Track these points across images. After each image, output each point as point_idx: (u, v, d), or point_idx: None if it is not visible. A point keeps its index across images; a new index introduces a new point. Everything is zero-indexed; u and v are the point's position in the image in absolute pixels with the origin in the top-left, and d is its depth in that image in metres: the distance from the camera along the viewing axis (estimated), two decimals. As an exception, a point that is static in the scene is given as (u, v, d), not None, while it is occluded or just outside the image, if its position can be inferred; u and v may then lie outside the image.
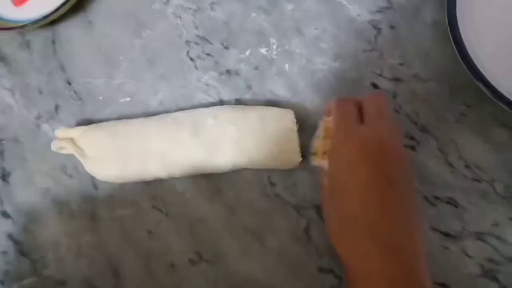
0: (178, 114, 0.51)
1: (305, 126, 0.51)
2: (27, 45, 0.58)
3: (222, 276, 0.48)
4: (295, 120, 0.49)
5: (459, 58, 0.48)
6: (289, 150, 0.48)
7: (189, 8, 0.56)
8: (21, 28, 0.54)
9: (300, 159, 0.48)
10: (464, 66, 0.48)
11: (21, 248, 0.51)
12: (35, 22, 0.54)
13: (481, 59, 0.48)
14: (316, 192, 0.49)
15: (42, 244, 0.50)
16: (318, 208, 0.49)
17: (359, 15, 0.54)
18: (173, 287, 0.48)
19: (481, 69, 0.47)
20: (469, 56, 0.48)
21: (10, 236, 0.51)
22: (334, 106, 0.42)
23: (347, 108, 0.40)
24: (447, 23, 0.49)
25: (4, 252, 0.51)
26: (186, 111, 0.51)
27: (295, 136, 0.48)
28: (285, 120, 0.49)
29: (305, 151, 0.49)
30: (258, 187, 0.50)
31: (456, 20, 0.49)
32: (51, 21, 0.57)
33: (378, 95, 0.41)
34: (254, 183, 0.50)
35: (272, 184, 0.50)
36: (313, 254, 0.48)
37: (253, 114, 0.49)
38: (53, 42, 0.58)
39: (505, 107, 0.45)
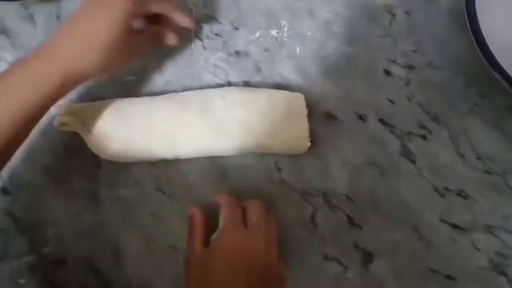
0: (185, 94, 0.49)
1: (315, 111, 0.50)
2: (31, 18, 0.56)
3: (225, 261, 0.47)
4: (306, 105, 0.48)
5: (476, 46, 0.47)
6: (298, 135, 0.47)
7: (201, -14, 0.55)
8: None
9: (309, 144, 0.47)
10: (481, 55, 0.46)
11: (21, 226, 0.49)
12: (39, -6, 0.52)
13: (498, 49, 0.47)
14: (323, 179, 0.48)
15: (42, 222, 0.49)
16: (325, 195, 0.48)
17: (374, -1, 0.52)
18: (174, 270, 0.47)
19: (498, 59, 0.46)
20: (487, 45, 0.47)
21: (9, 213, 0.50)
22: (224, 206, 0.44)
23: (236, 211, 0.43)
24: (465, 11, 0.48)
25: (3, 229, 0.49)
26: (194, 91, 0.50)
27: (305, 121, 0.47)
28: (296, 104, 0.47)
29: (314, 137, 0.48)
30: (264, 172, 0.49)
31: (474, 9, 0.48)
32: (56, -6, 0.55)
33: (259, 204, 0.44)
34: (261, 167, 0.49)
35: (279, 169, 0.49)
36: (319, 241, 0.47)
37: (262, 97, 0.48)
38: (58, 16, 0.56)
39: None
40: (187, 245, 0.44)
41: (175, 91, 0.51)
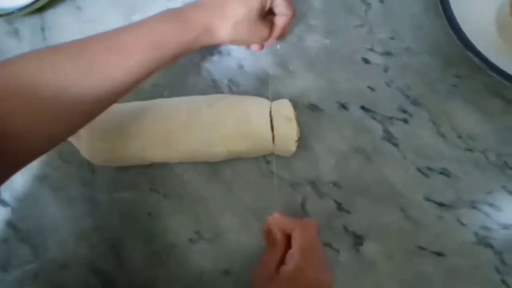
0: (174, 100, 0.50)
1: (299, 104, 0.51)
2: (16, 32, 0.57)
3: (222, 253, 0.49)
4: (293, 110, 0.48)
5: (450, 30, 0.48)
6: (285, 140, 0.47)
7: (177, -10, 0.56)
8: (8, 15, 0.54)
9: (295, 149, 0.48)
10: (455, 37, 0.48)
11: (21, 235, 0.51)
12: (22, 9, 0.54)
13: (472, 31, 0.48)
14: (310, 168, 0.50)
15: (42, 230, 0.51)
16: (313, 184, 0.49)
17: (348, -10, 0.54)
18: (174, 266, 0.49)
19: (472, 40, 0.47)
20: (460, 28, 0.48)
21: (9, 224, 0.51)
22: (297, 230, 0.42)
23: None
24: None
25: (5, 240, 0.51)
26: (183, 98, 0.51)
27: (293, 126, 0.47)
28: (283, 110, 0.48)
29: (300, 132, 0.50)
30: (254, 166, 0.51)
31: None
32: (39, 7, 0.56)
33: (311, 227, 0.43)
34: (251, 161, 0.51)
35: (268, 162, 0.51)
36: (310, 228, 0.49)
37: (248, 104, 0.49)
38: (42, 29, 0.57)
39: (497, 76, 0.46)
40: (262, 256, 0.43)
41: (162, 93, 0.53)
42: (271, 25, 0.48)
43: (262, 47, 0.51)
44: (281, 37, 0.51)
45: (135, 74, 0.40)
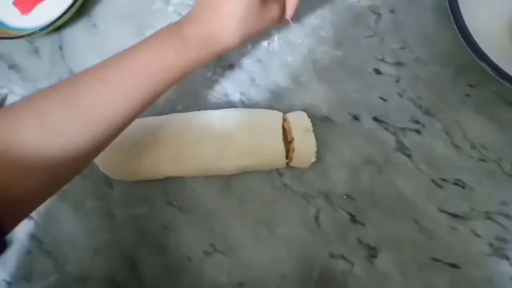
0: (187, 115, 0.51)
1: (310, 116, 0.51)
2: (36, 51, 0.60)
3: (236, 266, 0.50)
4: (310, 120, 0.48)
5: (461, 38, 0.48)
6: (305, 151, 0.48)
7: (189, 5, 0.57)
8: (29, 35, 0.56)
9: (314, 159, 0.48)
10: (466, 46, 0.47)
11: (44, 247, 0.53)
12: (43, 29, 0.55)
13: (483, 39, 0.48)
14: (323, 181, 0.50)
15: (62, 243, 0.53)
16: (326, 196, 0.50)
17: (358, 1, 0.54)
18: (190, 279, 0.50)
19: (484, 49, 0.47)
20: (472, 38, 0.47)
21: (33, 236, 0.53)
22: None
23: None
24: (448, 5, 0.49)
25: (29, 252, 0.53)
26: (195, 112, 0.51)
27: (312, 137, 0.48)
28: (301, 122, 0.48)
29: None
30: (266, 178, 0.51)
31: (457, 2, 0.49)
32: (57, 26, 0.58)
33: None
34: (263, 174, 0.51)
35: (280, 175, 0.51)
36: (324, 240, 0.49)
37: (260, 118, 0.49)
38: (60, 47, 0.59)
39: (509, 85, 0.45)
40: None
41: (175, 108, 0.54)
42: (280, 2, 0.43)
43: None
44: (295, 15, 0.45)
45: (133, 105, 0.38)
